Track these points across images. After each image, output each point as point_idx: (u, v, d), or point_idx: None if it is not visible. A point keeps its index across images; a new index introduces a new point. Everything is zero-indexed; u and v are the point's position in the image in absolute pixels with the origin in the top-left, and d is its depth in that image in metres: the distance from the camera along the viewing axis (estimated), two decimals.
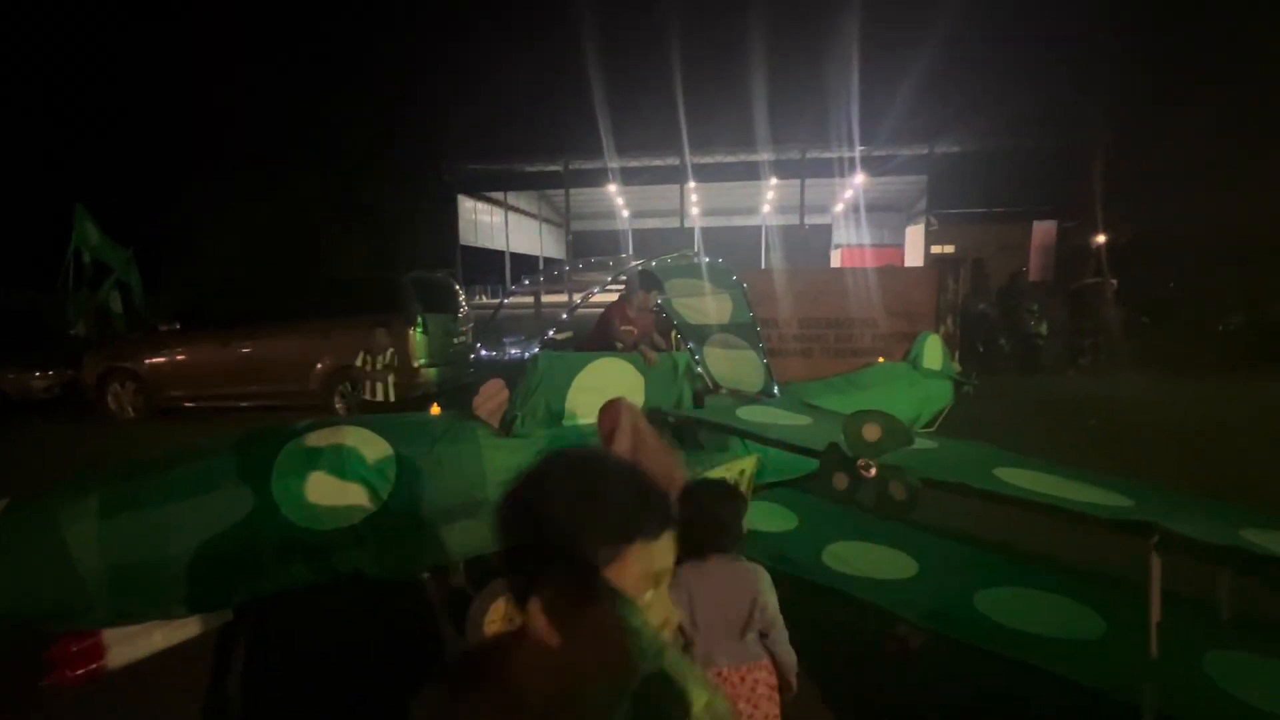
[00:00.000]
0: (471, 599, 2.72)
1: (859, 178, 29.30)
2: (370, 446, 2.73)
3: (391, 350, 5.57)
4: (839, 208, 36.51)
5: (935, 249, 21.46)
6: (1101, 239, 16.60)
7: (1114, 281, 11.27)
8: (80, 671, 2.27)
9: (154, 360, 7.52)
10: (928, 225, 24.42)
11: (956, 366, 6.29)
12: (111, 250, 10.26)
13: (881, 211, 35.83)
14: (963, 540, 2.86)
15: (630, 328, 4.44)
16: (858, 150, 28.00)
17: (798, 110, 37.52)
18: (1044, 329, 9.26)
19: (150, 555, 2.32)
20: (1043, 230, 19.63)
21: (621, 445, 1.93)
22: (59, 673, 2.25)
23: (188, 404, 7.57)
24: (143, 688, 2.47)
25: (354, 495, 2.62)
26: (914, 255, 25.15)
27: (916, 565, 2.63)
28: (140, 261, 10.61)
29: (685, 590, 1.67)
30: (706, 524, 1.68)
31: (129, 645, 2.36)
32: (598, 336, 4.60)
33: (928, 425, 5.08)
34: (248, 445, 2.69)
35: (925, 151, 28.34)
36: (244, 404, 7.46)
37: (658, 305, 4.73)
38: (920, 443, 2.49)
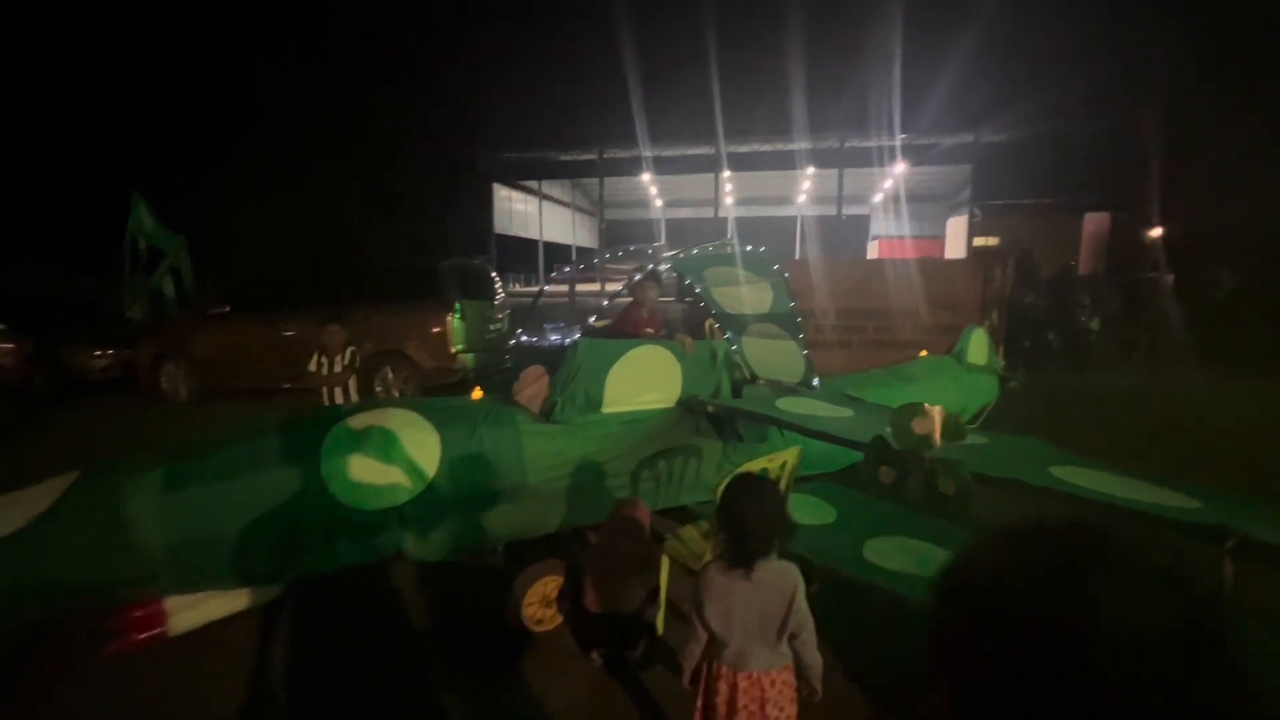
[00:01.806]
0: (510, 581, 2.75)
1: (899, 167, 28.55)
2: (415, 429, 2.78)
3: (352, 350, 4.65)
4: (878, 198, 35.68)
5: (978, 241, 20.82)
6: (1158, 231, 15.86)
7: (1170, 276, 10.78)
8: (143, 637, 2.37)
9: (205, 343, 7.80)
10: (971, 216, 23.68)
11: (1001, 361, 6.10)
12: (165, 236, 10.65)
13: (922, 202, 34.92)
14: None
15: (650, 330, 4.43)
16: (898, 138, 27.29)
17: (836, 97, 36.74)
18: (1095, 324, 8.91)
19: (206, 529, 2.42)
20: (1095, 221, 18.83)
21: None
22: (124, 638, 2.36)
23: (237, 385, 7.83)
24: (201, 654, 2.57)
25: (398, 476, 2.67)
26: (955, 247, 24.44)
27: None
28: (189, 248, 10.98)
29: (724, 593, 1.62)
30: (752, 528, 1.60)
31: (188, 614, 2.47)
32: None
33: (971, 421, 4.95)
34: (297, 425, 2.76)
35: (970, 139, 27.46)
36: (287, 385, 7.68)
37: (695, 295, 4.68)
38: (971, 438, 2.41)
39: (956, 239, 24.79)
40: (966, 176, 27.95)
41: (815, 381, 4.04)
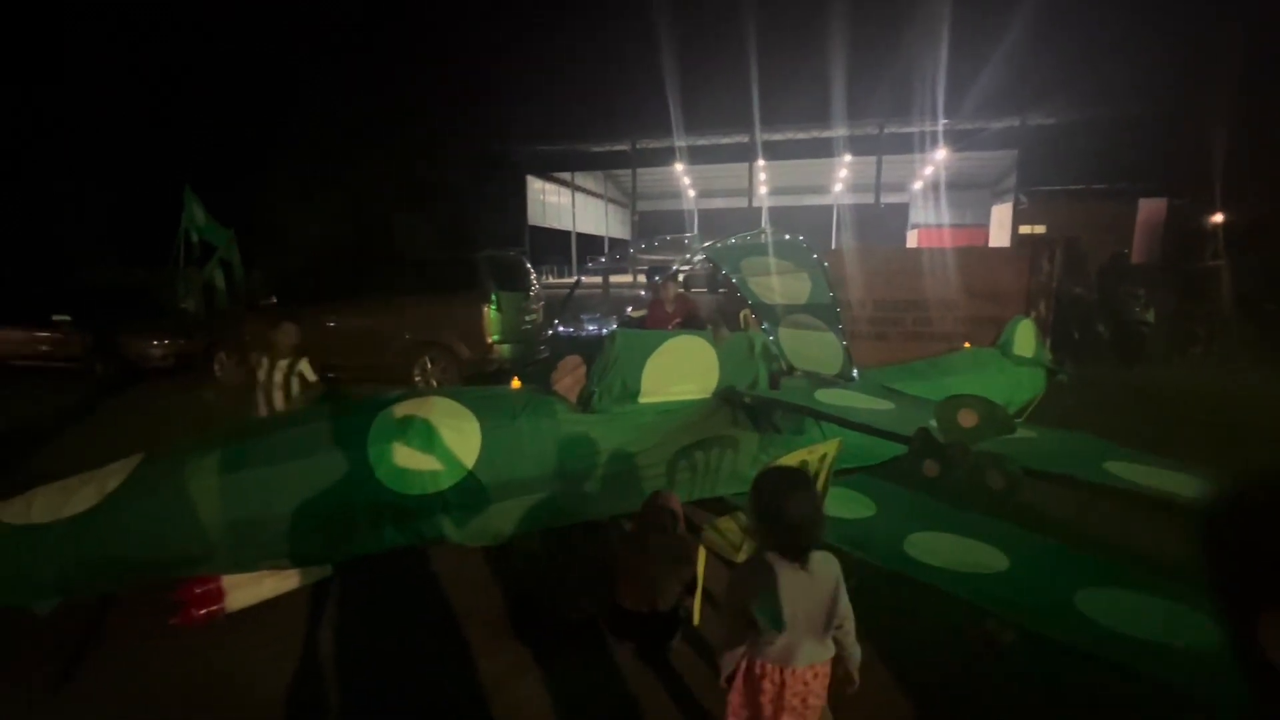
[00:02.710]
0: (546, 567, 2.79)
1: (941, 153, 27.70)
2: (455, 418, 2.84)
3: (305, 361, 3.78)
4: (917, 185, 34.74)
5: (1024, 229, 20.12)
6: (1219, 218, 15.05)
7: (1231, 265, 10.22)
8: (203, 612, 2.49)
9: (254, 333, 8.09)
10: (1016, 203, 22.89)
11: (1049, 354, 5.91)
12: (216, 230, 11.05)
13: (964, 189, 33.89)
14: (1053, 536, 2.70)
15: (678, 321, 4.50)
16: (941, 124, 26.48)
17: (875, 82, 35.83)
18: (1150, 315, 8.51)
19: (261, 510, 2.52)
20: (1150, 208, 17.99)
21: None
22: (185, 612, 2.48)
23: None
24: (256, 630, 2.69)
25: (440, 463, 2.74)
26: (1000, 235, 23.67)
27: (1007, 560, 2.49)
28: (237, 241, 11.37)
29: (771, 587, 1.59)
30: (800, 520, 1.57)
31: (245, 591, 2.58)
32: None
33: (1016, 415, 4.81)
34: (345, 412, 2.85)
35: (1016, 123, 26.49)
36: (331, 375, 7.90)
37: (730, 285, 4.71)
38: (1020, 431, 2.35)
39: (1001, 227, 24.00)
40: (1012, 162, 26.99)
41: (854, 373, 3.98)
